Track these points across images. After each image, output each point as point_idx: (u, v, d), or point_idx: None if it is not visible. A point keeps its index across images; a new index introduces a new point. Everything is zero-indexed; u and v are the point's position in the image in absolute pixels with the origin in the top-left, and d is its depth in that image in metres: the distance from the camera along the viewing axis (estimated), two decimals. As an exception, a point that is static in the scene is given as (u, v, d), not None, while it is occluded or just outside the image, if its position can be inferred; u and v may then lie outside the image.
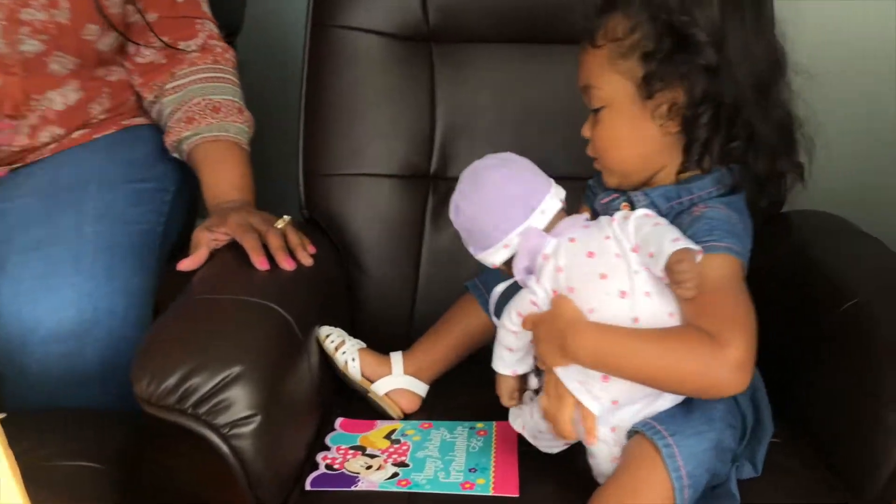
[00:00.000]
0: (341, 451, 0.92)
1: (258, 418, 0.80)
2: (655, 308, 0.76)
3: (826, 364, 0.89)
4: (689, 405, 0.80)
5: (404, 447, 0.92)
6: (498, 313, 0.85)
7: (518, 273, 0.82)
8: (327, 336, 0.99)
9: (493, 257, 0.84)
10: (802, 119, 0.87)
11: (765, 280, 1.05)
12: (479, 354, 1.04)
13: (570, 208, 0.92)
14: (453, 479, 0.87)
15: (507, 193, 0.83)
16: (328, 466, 0.89)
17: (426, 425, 0.96)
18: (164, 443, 0.89)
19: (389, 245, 1.14)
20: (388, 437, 0.94)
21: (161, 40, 1.12)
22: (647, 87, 0.81)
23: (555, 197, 0.83)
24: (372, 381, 0.99)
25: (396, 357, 1.01)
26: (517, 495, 0.84)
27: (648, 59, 0.81)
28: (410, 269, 1.15)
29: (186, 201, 1.22)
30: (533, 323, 0.80)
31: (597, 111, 0.85)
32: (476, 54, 1.17)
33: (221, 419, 0.79)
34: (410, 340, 1.13)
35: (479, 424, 0.95)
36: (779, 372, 0.95)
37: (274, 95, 1.77)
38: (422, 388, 1.00)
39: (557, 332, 0.77)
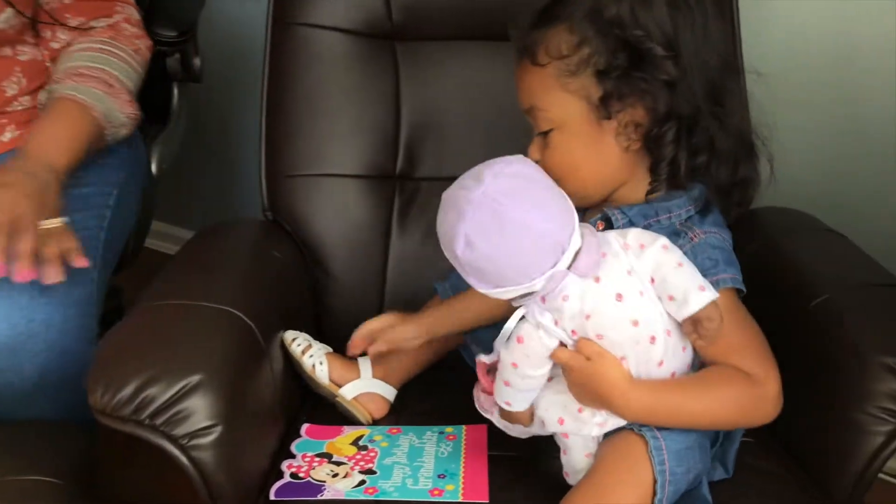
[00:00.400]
0: (307, 459, 0.89)
1: (219, 428, 0.78)
2: (675, 345, 0.76)
3: (794, 363, 0.88)
4: None
5: (371, 454, 0.90)
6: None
7: (523, 304, 0.76)
8: (293, 340, 0.97)
9: (506, 295, 0.75)
10: (758, 121, 0.85)
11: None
12: (448, 357, 1.03)
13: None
14: (422, 486, 0.85)
15: (536, 233, 0.73)
16: (293, 475, 0.87)
17: (394, 430, 0.94)
18: (122, 454, 0.86)
19: (355, 247, 1.12)
20: (355, 443, 0.92)
21: (63, 24, 1.07)
22: (606, 108, 0.77)
23: (579, 228, 0.75)
24: (340, 386, 0.97)
25: (364, 361, 0.99)
26: (486, 501, 0.83)
27: (604, 77, 0.76)
28: (377, 271, 1.13)
29: (133, 203, 1.18)
30: (566, 365, 0.76)
31: (545, 133, 0.80)
32: (441, 52, 1.15)
33: (180, 430, 0.77)
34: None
35: (449, 429, 0.94)
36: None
37: (237, 96, 1.75)
38: (390, 392, 0.98)
39: (596, 389, 0.75)
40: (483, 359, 0.81)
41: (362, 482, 0.85)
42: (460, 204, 0.74)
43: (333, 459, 0.89)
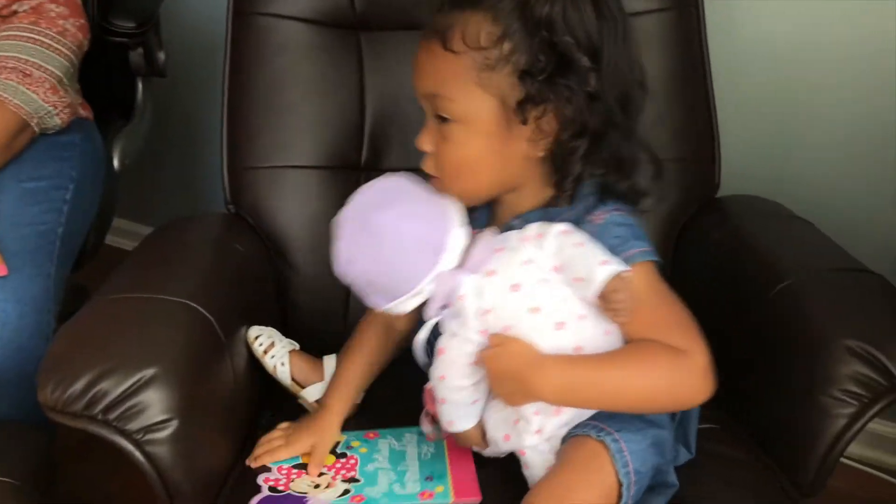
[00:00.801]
0: (283, 472, 0.86)
1: (174, 423, 0.77)
2: (592, 330, 0.73)
3: (760, 347, 0.89)
4: None
5: (352, 461, 0.87)
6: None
7: (434, 314, 0.74)
8: (256, 338, 0.96)
9: (403, 307, 0.74)
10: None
11: (701, 264, 1.05)
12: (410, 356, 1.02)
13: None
14: (410, 490, 0.82)
15: (408, 238, 0.72)
16: (272, 489, 0.83)
17: (371, 435, 0.91)
18: (78, 452, 0.84)
19: (320, 240, 1.09)
20: (332, 451, 0.89)
21: None
22: (522, 112, 0.72)
23: (459, 227, 0.73)
24: (303, 387, 0.95)
25: (329, 360, 0.97)
26: (479, 499, 0.81)
27: (526, 78, 0.71)
28: (343, 264, 1.12)
29: (91, 198, 1.17)
30: (483, 363, 0.74)
31: (442, 121, 0.75)
32: (405, 42, 1.14)
33: (133, 425, 0.76)
34: (346, 338, 1.10)
35: (427, 429, 0.92)
36: (715, 356, 0.95)
37: (200, 91, 1.73)
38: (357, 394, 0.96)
39: (513, 375, 0.72)
40: (429, 386, 0.80)
41: (346, 491, 0.82)
42: (336, 224, 0.74)
43: (313, 471, 0.87)
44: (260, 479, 0.85)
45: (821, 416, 0.80)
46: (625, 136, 0.75)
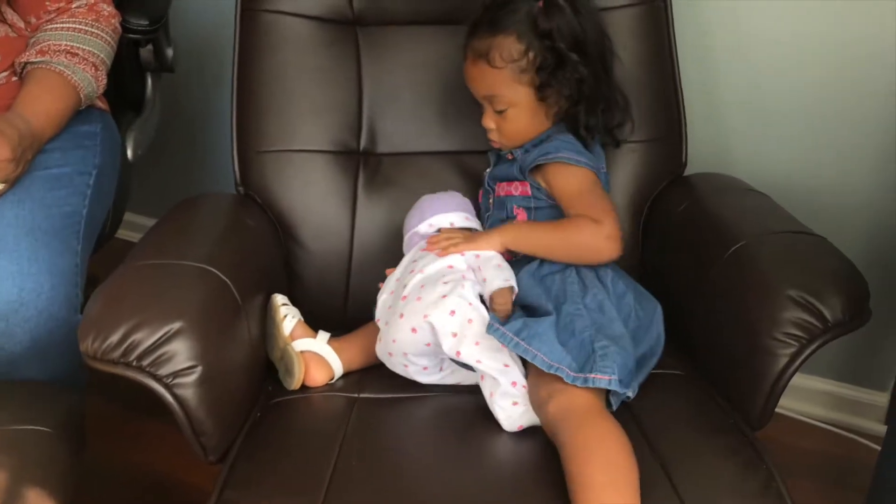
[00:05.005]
0: None
1: (199, 369, 0.85)
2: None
3: (717, 302, 0.98)
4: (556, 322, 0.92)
5: None
6: None
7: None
8: (284, 304, 1.04)
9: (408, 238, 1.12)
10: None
11: (668, 232, 1.15)
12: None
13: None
14: None
15: (419, 207, 1.13)
16: None
17: None
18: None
19: (324, 219, 1.19)
20: None
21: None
22: (542, 94, 1.05)
23: (438, 218, 1.10)
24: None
25: (324, 334, 1.06)
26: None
27: (541, 73, 1.03)
28: (345, 241, 1.19)
29: (110, 184, 1.24)
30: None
31: (499, 112, 1.06)
32: (398, 36, 1.23)
33: (164, 370, 0.84)
34: (346, 312, 1.19)
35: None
36: (679, 313, 1.05)
37: (206, 87, 1.81)
38: (337, 365, 1.03)
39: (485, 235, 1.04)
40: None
41: None
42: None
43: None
44: None
45: (766, 356, 0.89)
46: (608, 84, 1.09)
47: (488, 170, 1.16)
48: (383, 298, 1.02)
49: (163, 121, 1.54)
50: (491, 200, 1.13)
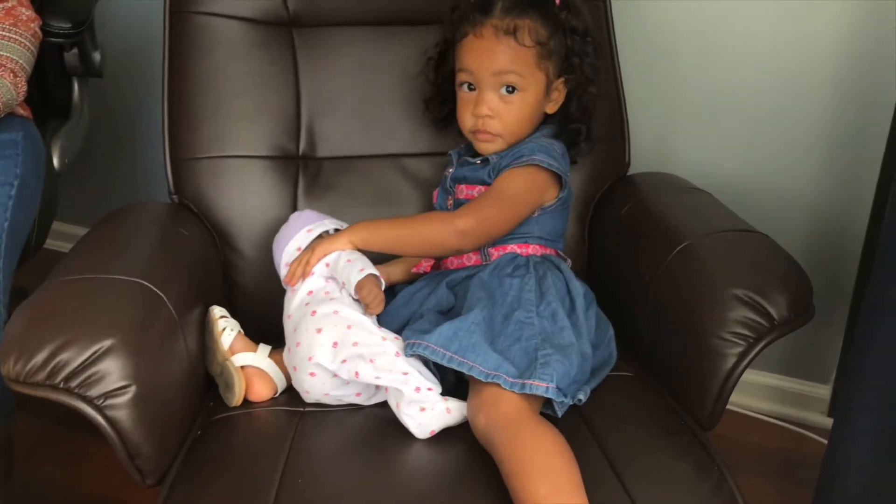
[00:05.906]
0: None
1: (132, 388, 0.81)
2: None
3: (664, 302, 0.97)
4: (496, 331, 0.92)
5: None
6: None
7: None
8: (222, 317, 1.01)
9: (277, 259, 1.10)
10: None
11: (613, 233, 1.15)
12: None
13: (437, 177, 1.12)
14: None
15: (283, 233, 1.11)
16: None
17: None
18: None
19: (263, 226, 1.15)
20: None
21: None
22: (551, 87, 1.05)
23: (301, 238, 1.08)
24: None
25: (265, 347, 1.02)
26: None
27: (564, 62, 1.04)
28: (285, 249, 1.17)
29: (34, 194, 1.20)
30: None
31: (509, 91, 1.03)
32: (335, 38, 1.20)
33: (94, 391, 0.80)
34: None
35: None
36: (628, 315, 1.05)
37: (138, 92, 1.76)
38: (280, 378, 1.00)
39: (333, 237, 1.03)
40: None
41: None
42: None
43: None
44: None
45: (714, 356, 0.89)
46: (597, 88, 1.09)
47: (450, 170, 1.12)
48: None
49: (92, 127, 1.50)
50: (450, 202, 1.10)
